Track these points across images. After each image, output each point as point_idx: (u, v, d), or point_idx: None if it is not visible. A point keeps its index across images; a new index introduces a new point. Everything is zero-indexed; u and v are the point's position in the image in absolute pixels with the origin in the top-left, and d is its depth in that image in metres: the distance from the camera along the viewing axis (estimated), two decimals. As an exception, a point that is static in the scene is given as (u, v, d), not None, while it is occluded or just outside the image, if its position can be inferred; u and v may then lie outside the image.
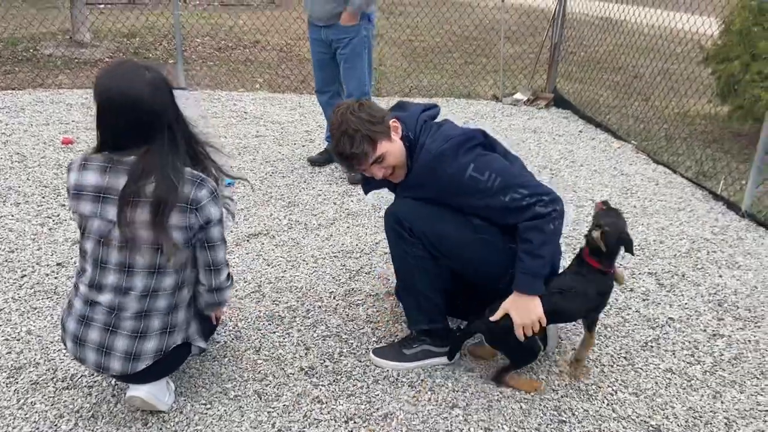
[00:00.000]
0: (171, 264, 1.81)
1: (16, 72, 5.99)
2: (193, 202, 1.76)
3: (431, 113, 2.26)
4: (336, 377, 2.24)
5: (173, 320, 1.90)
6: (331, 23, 3.74)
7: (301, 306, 2.67)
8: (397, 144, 2.12)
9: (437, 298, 2.24)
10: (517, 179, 2.06)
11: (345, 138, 2.03)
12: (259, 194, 3.76)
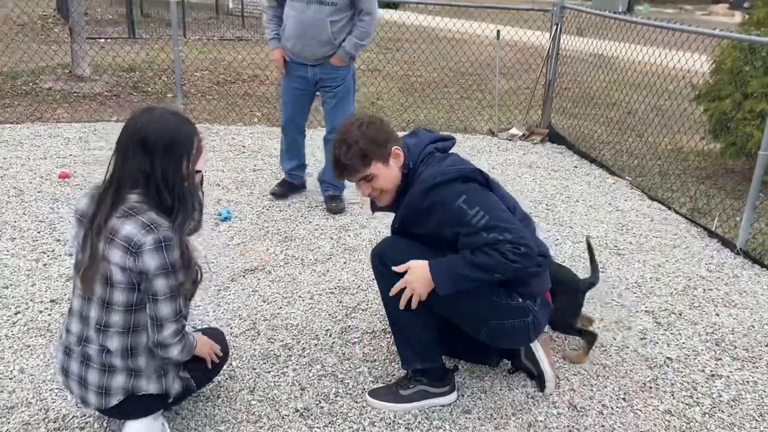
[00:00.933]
0: (94, 295, 1.79)
1: (15, 105, 6.03)
2: (134, 245, 1.72)
3: (441, 145, 2.24)
4: (332, 419, 2.21)
5: (134, 364, 1.85)
6: (321, 63, 3.80)
7: (297, 344, 2.65)
8: (392, 170, 2.13)
9: (428, 337, 2.22)
10: (504, 222, 2.00)
11: (343, 146, 2.09)
12: (256, 228, 3.76)
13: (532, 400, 2.33)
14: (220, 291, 3.05)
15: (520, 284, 2.13)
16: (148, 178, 1.76)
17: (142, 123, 1.77)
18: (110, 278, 1.76)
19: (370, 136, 2.08)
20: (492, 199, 2.09)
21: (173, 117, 1.82)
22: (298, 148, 4.19)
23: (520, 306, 2.13)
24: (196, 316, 2.81)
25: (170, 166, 1.78)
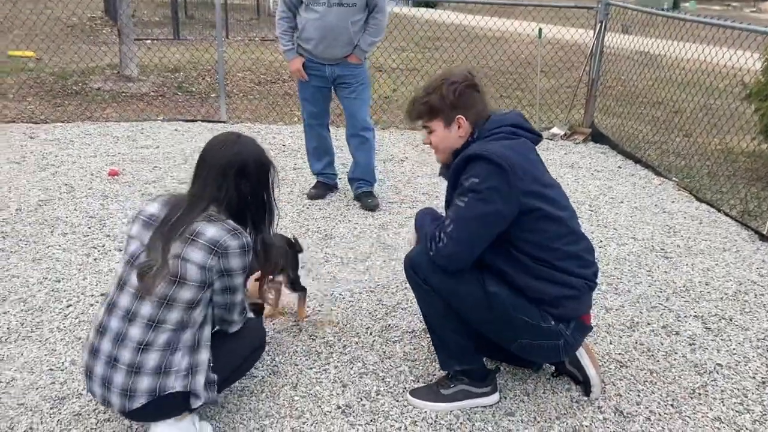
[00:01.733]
0: (153, 294, 1.86)
1: (66, 105, 6.23)
2: (221, 246, 1.88)
3: (520, 132, 2.14)
4: (373, 417, 2.21)
5: (169, 361, 1.89)
6: (339, 62, 3.88)
7: (338, 341, 2.66)
8: (449, 134, 2.16)
9: (464, 340, 2.20)
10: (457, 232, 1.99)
11: (425, 91, 2.17)
12: (296, 226, 3.79)
13: (576, 404, 2.29)
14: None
15: (553, 305, 2.07)
16: (241, 197, 1.98)
17: (239, 150, 1.99)
18: (182, 276, 1.86)
19: (447, 96, 2.11)
20: (484, 208, 1.97)
21: (256, 145, 2.05)
22: (324, 143, 4.24)
23: (552, 329, 2.09)
24: (240, 312, 2.85)
25: (264, 188, 2.06)
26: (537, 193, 2.03)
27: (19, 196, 4.01)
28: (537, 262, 2.04)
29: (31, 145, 4.95)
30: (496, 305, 2.04)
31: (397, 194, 4.37)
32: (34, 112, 5.86)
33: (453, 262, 2.02)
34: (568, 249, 2.08)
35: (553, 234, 2.06)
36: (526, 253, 2.04)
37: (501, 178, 1.96)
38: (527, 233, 2.03)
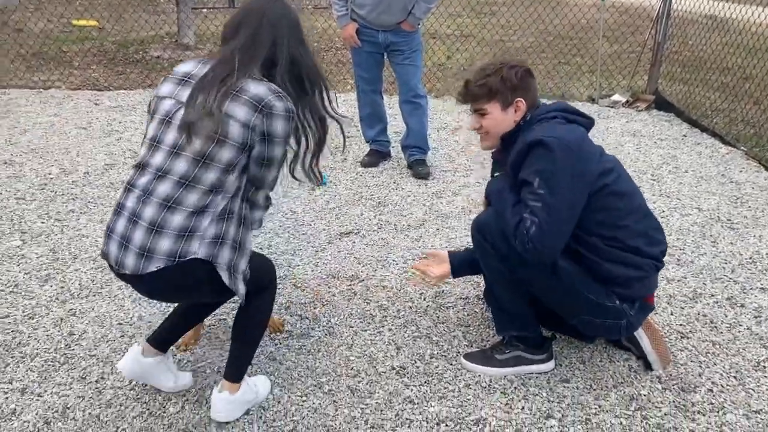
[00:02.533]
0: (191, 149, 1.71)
1: (128, 73, 6.41)
2: (266, 104, 1.72)
3: (572, 117, 2.10)
4: (427, 379, 2.24)
5: (195, 222, 1.72)
6: (392, 29, 3.85)
7: (392, 306, 2.69)
8: (505, 118, 2.13)
9: (524, 308, 2.20)
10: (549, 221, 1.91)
11: (482, 72, 2.13)
12: (350, 194, 3.82)
13: (635, 373, 2.26)
14: (318, 252, 3.15)
15: (621, 285, 2.05)
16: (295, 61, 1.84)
17: (272, 6, 1.85)
18: (224, 134, 1.70)
19: (509, 79, 2.09)
20: (564, 191, 1.92)
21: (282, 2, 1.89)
22: (377, 110, 4.22)
23: (616, 308, 2.06)
24: (297, 275, 2.92)
25: (300, 47, 1.86)
26: (603, 171, 2.02)
27: (86, 160, 4.17)
28: (608, 244, 2.02)
29: (96, 111, 5.13)
30: (562, 280, 2.02)
31: (451, 162, 4.34)
32: (98, 80, 6.05)
33: (547, 254, 1.94)
34: (636, 226, 2.04)
35: (622, 211, 2.02)
36: (597, 234, 2.01)
37: (574, 160, 1.94)
38: (597, 213, 1.99)
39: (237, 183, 1.78)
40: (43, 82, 5.88)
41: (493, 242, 2.09)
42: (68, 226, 3.32)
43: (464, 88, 2.17)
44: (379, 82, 4.17)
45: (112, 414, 2.07)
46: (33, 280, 2.83)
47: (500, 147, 2.23)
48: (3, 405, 2.09)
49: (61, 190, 3.72)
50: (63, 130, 4.67)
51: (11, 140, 4.41)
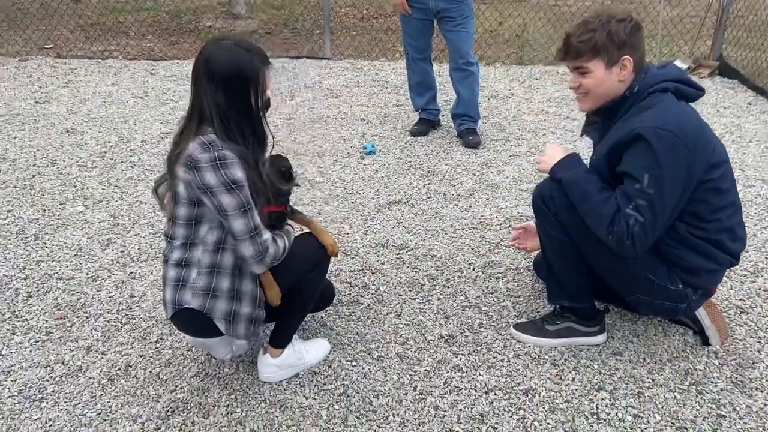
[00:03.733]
0: (164, 211, 1.88)
1: (181, 43, 6.52)
2: (192, 159, 1.73)
3: (683, 88, 1.96)
4: (476, 348, 2.24)
5: (184, 275, 1.87)
6: None
7: (441, 275, 2.70)
8: (609, 77, 1.96)
9: (581, 279, 2.16)
10: (657, 214, 1.84)
11: (583, 27, 1.96)
12: (399, 163, 3.81)
13: (690, 348, 2.20)
14: (367, 220, 3.16)
15: (689, 273, 1.99)
16: (217, 108, 1.76)
17: (209, 54, 1.77)
18: (176, 194, 1.81)
19: (612, 32, 1.92)
20: (671, 192, 1.85)
21: (238, 49, 1.77)
22: (427, 78, 4.17)
23: (678, 292, 2.00)
24: (346, 243, 2.95)
25: (236, 97, 1.77)
26: (713, 165, 1.91)
27: (143, 128, 4.29)
28: (692, 233, 1.96)
29: (151, 81, 5.24)
30: (626, 257, 1.97)
31: (502, 132, 4.26)
32: (153, 50, 6.18)
33: (642, 250, 1.89)
34: (726, 222, 1.97)
35: (717, 205, 1.94)
36: (684, 221, 1.95)
37: (688, 158, 1.84)
38: (692, 204, 1.92)
39: (214, 235, 1.84)
40: (101, 52, 6.04)
41: (556, 211, 2.04)
42: (127, 192, 3.44)
43: (564, 43, 2.00)
44: (429, 49, 4.11)
45: (171, 373, 2.16)
46: (95, 244, 2.95)
47: (599, 114, 2.08)
48: (70, 362, 2.21)
49: (120, 158, 3.84)
50: (121, 99, 4.80)
51: (72, 109, 4.57)
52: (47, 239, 2.98)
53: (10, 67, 5.43)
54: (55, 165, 3.72)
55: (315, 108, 4.67)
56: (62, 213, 3.21)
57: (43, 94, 4.86)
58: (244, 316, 1.90)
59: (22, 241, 2.95)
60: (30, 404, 2.02)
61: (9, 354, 2.25)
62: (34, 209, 3.23)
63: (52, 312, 2.47)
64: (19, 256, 2.84)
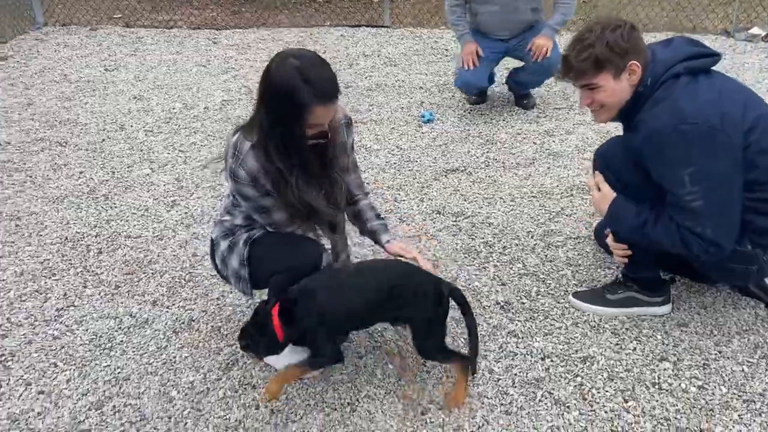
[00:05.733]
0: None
1: (242, 12, 6.58)
2: (225, 158, 1.87)
3: (697, 63, 1.87)
4: (532, 315, 2.21)
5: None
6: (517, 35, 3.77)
7: (498, 242, 2.66)
8: (620, 86, 1.88)
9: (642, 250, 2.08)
10: (714, 216, 1.77)
11: (578, 45, 1.88)
12: (457, 131, 3.76)
13: (761, 321, 2.10)
14: (424, 188, 3.14)
15: (758, 233, 1.88)
16: (260, 122, 1.77)
17: (272, 67, 1.72)
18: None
19: (611, 42, 1.83)
20: (722, 176, 1.77)
21: (297, 76, 1.68)
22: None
23: (747, 253, 1.90)
24: (402, 210, 2.94)
25: (277, 121, 1.74)
26: (748, 130, 1.80)
27: (206, 96, 4.38)
28: (754, 197, 1.85)
29: (214, 49, 5.33)
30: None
31: (565, 100, 4.13)
32: (215, 19, 6.27)
33: (730, 245, 1.82)
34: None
35: (765, 168, 1.83)
36: (744, 188, 1.85)
37: (719, 141, 1.75)
38: (746, 173, 1.82)
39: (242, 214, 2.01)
40: (166, 21, 6.17)
41: (617, 172, 1.97)
42: (190, 157, 3.53)
43: (564, 64, 1.92)
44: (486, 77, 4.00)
45: (231, 328, 2.23)
46: (161, 205, 3.05)
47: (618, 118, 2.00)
48: (137, 314, 2.31)
49: (184, 124, 3.94)
50: (184, 67, 4.91)
51: (139, 76, 4.71)
52: (116, 200, 3.10)
53: (82, 36, 5.62)
54: (123, 130, 3.85)
55: (373, 76, 4.64)
56: (130, 175, 3.33)
57: (112, 62, 5.02)
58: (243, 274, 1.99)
59: (93, 201, 3.09)
60: (100, 352, 2.13)
61: (81, 305, 2.37)
62: (104, 171, 3.37)
63: (120, 267, 2.58)
64: (91, 215, 2.97)
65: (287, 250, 1.89)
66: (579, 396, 1.86)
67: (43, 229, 2.85)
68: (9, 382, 2.01)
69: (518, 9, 3.68)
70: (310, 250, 1.90)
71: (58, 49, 5.30)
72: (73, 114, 4.07)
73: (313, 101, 1.69)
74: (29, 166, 3.41)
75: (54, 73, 4.75)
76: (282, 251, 1.90)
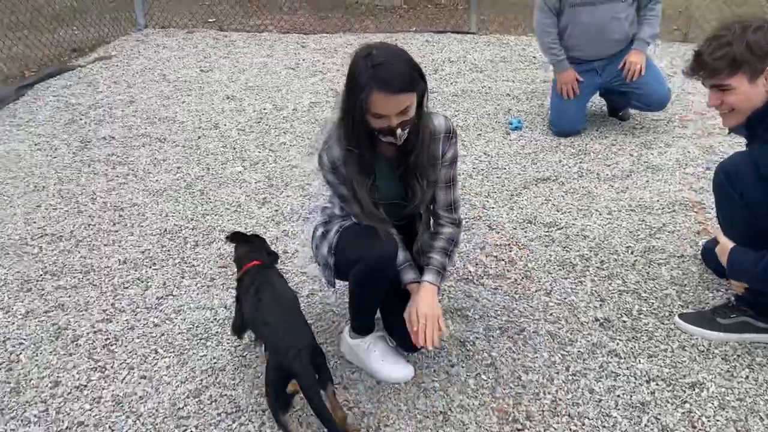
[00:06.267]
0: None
1: (330, 18, 6.70)
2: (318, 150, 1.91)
3: None
4: (635, 334, 2.11)
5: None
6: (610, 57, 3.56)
7: (594, 256, 2.56)
8: (755, 91, 1.77)
9: None
10: None
11: (714, 42, 1.79)
12: (547, 140, 3.66)
13: None
14: (513, 196, 3.07)
15: None
16: (339, 106, 1.81)
17: (354, 54, 1.75)
18: None
19: (751, 43, 1.73)
20: None
21: (365, 61, 1.69)
22: None
23: None
24: (491, 217, 2.89)
25: (345, 106, 1.76)
26: None
27: (294, 97, 4.47)
28: None
29: (302, 53, 5.44)
30: None
31: (664, 112, 3.94)
32: (303, 24, 6.41)
33: None
34: None
35: None
36: None
37: None
38: None
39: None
40: (257, 26, 6.36)
41: (743, 191, 1.85)
42: (280, 156, 3.60)
43: (695, 61, 1.82)
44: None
45: (322, 326, 2.24)
46: (252, 202, 3.12)
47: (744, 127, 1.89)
48: (231, 307, 2.36)
49: (274, 124, 4.03)
50: (274, 69, 5.04)
51: (232, 78, 4.86)
52: (211, 195, 3.20)
53: (179, 39, 5.87)
54: (217, 128, 3.98)
55: (458, 82, 4.60)
56: (223, 172, 3.43)
57: (207, 63, 5.21)
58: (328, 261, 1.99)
59: (190, 196, 3.20)
60: (197, 342, 2.19)
61: (179, 295, 2.45)
62: (200, 167, 3.49)
63: (215, 260, 2.65)
64: (188, 209, 3.07)
65: (364, 243, 1.85)
66: (688, 424, 1.75)
67: (144, 220, 2.98)
68: (113, 365, 2.09)
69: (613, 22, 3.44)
70: (385, 246, 1.83)
71: (157, 50, 5.55)
72: (171, 112, 4.24)
73: (372, 86, 1.66)
74: (131, 160, 3.58)
75: (154, 73, 4.98)
76: (360, 244, 1.87)
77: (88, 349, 2.16)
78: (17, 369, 2.08)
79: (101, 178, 3.37)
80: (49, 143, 3.79)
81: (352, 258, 1.85)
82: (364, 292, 1.91)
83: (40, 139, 3.85)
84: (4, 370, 2.08)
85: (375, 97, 1.67)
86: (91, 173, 3.43)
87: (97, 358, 2.13)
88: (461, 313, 2.26)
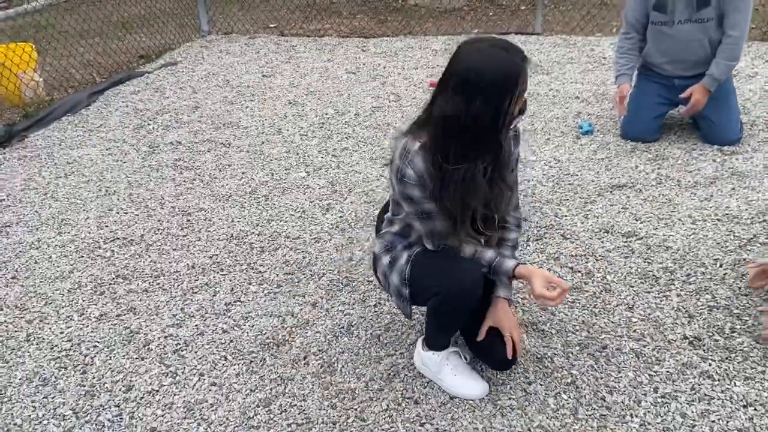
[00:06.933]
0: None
1: (389, 21, 6.67)
2: (391, 159, 1.80)
3: None
4: (729, 354, 1.95)
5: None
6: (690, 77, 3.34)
7: (680, 269, 2.40)
8: None
9: None
10: None
11: None
12: (621, 144, 3.50)
13: None
14: (587, 204, 2.94)
15: None
16: (457, 118, 1.62)
17: (464, 57, 1.62)
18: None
19: None
20: None
21: (497, 50, 1.60)
22: None
23: None
24: (565, 227, 2.76)
25: (487, 109, 1.60)
26: None
27: (356, 102, 4.44)
28: None
29: (363, 57, 5.42)
30: None
31: (746, 115, 3.71)
32: (363, 28, 6.39)
33: None
34: None
35: None
36: None
37: None
38: None
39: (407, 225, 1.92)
40: (317, 30, 6.39)
41: None
42: (343, 162, 3.57)
43: None
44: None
45: (391, 337, 2.17)
46: (316, 208, 3.10)
47: None
48: (298, 315, 2.33)
49: (336, 129, 4.01)
50: (335, 74, 5.03)
51: (294, 83, 4.88)
52: (275, 200, 3.19)
53: (241, 44, 5.96)
54: (280, 133, 3.99)
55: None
56: (287, 177, 3.42)
57: (269, 68, 5.25)
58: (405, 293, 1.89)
59: (255, 201, 3.20)
60: (265, 350, 2.16)
61: (246, 301, 2.43)
62: (264, 172, 3.49)
63: (281, 267, 2.63)
64: (253, 214, 3.07)
65: (444, 271, 1.77)
66: (796, 457, 1.60)
67: (210, 225, 2.99)
68: (184, 371, 2.09)
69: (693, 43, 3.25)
70: (467, 274, 1.75)
71: (221, 56, 5.64)
72: (235, 117, 4.28)
73: (521, 64, 1.59)
74: (198, 165, 3.62)
75: (218, 78, 5.06)
76: (440, 272, 1.78)
77: (160, 354, 2.17)
78: (91, 372, 2.11)
79: (169, 182, 3.42)
80: (119, 148, 3.89)
81: (430, 288, 1.78)
82: (444, 321, 1.86)
83: (111, 144, 3.95)
84: (79, 373, 2.11)
85: (525, 76, 1.62)
86: (159, 178, 3.48)
87: (168, 363, 2.13)
88: (536, 327, 2.16)
